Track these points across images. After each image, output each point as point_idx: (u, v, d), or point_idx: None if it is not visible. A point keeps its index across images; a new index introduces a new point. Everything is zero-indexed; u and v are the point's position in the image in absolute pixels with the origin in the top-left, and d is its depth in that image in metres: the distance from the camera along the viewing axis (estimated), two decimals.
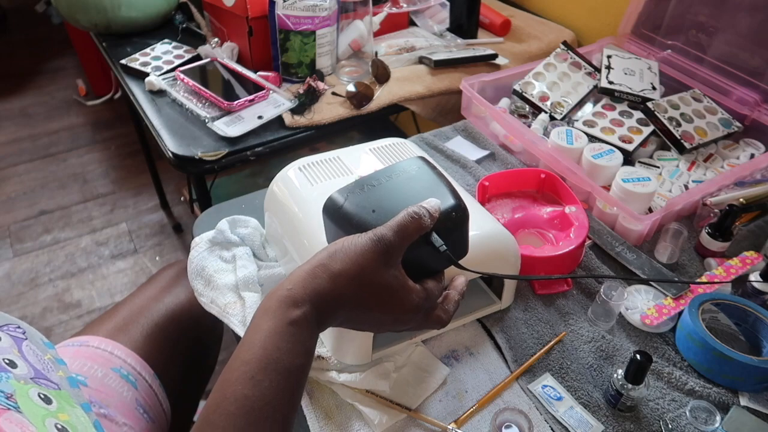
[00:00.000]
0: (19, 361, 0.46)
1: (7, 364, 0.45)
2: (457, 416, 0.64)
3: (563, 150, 0.96)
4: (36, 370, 0.47)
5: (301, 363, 0.47)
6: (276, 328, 0.46)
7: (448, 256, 0.52)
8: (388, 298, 0.49)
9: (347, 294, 0.48)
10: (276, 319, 0.46)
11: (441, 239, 0.52)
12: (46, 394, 0.45)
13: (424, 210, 0.50)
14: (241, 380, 0.44)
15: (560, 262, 0.78)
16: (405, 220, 0.49)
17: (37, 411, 0.42)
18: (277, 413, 0.44)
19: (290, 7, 1.09)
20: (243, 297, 0.76)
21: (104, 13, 1.31)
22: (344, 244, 0.49)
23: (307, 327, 0.47)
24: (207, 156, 1.01)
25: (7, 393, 0.42)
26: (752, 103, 1.04)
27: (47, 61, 2.97)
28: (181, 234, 2.02)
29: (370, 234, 0.49)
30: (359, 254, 0.48)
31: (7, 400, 0.41)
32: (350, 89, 1.13)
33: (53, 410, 0.44)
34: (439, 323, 0.54)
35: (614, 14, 1.30)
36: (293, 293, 0.47)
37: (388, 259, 0.49)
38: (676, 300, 0.75)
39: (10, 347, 0.47)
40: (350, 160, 0.77)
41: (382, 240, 0.48)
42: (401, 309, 0.50)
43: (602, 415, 0.65)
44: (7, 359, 0.45)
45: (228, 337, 1.60)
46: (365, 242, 0.49)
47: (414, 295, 0.50)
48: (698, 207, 0.89)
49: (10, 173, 2.28)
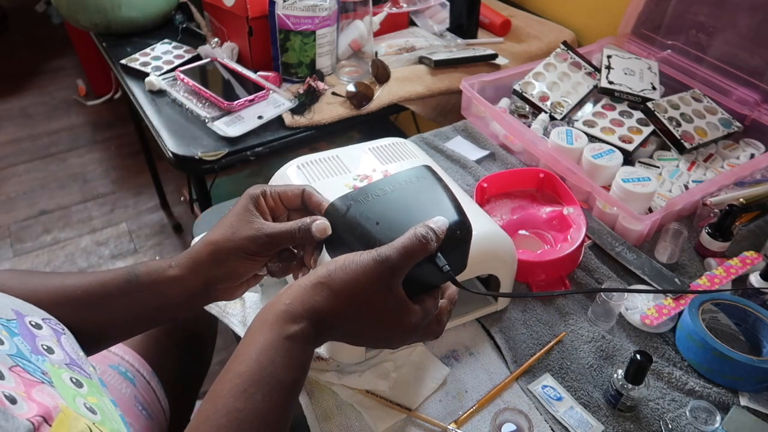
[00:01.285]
0: (56, 349, 0.47)
1: (45, 349, 0.46)
2: (457, 416, 0.64)
3: (563, 150, 0.96)
4: (71, 359, 0.48)
5: (295, 377, 0.47)
6: (272, 342, 0.46)
7: (450, 276, 0.51)
8: (387, 320, 0.49)
9: (346, 312, 0.48)
10: (272, 333, 0.46)
11: (443, 257, 0.50)
12: (78, 378, 0.46)
13: (431, 233, 0.48)
14: (233, 393, 0.44)
15: (558, 265, 0.78)
16: (412, 242, 0.47)
17: (68, 390, 0.43)
18: (268, 427, 0.44)
19: (290, 7, 1.09)
20: (243, 297, 0.76)
21: (104, 13, 1.31)
22: (345, 261, 0.48)
23: (303, 342, 0.47)
24: (207, 156, 1.01)
25: (43, 370, 0.43)
26: (752, 103, 1.04)
27: (47, 61, 2.97)
28: (181, 234, 2.02)
29: (373, 254, 0.47)
30: (361, 274, 0.47)
31: (42, 375, 0.42)
32: (350, 89, 1.13)
33: (83, 393, 0.45)
34: (432, 335, 0.53)
35: (614, 14, 1.30)
36: (291, 308, 0.47)
37: (389, 280, 0.47)
38: (676, 300, 0.75)
39: (50, 336, 0.48)
40: (349, 160, 0.77)
41: (386, 261, 0.47)
42: (399, 329, 0.50)
43: (602, 415, 0.65)
44: (46, 345, 0.46)
45: (228, 336, 1.59)
46: (368, 262, 0.47)
47: (413, 317, 0.49)
48: (698, 207, 0.89)
49: (10, 173, 2.28)
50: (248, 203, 0.56)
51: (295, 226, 0.54)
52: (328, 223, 0.54)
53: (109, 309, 0.56)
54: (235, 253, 0.55)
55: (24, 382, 0.40)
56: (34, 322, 0.48)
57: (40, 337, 0.47)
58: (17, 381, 0.40)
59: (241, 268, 0.56)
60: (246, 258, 0.55)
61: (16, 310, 0.47)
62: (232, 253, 0.55)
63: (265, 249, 0.55)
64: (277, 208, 0.58)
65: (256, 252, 0.55)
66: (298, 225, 0.54)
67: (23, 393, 0.39)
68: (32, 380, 0.41)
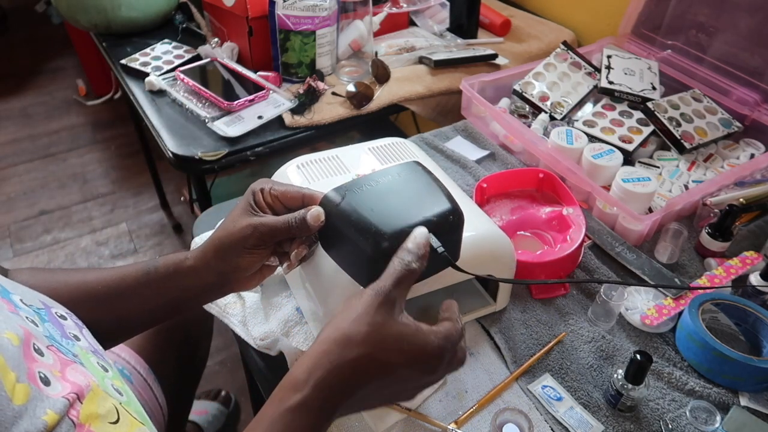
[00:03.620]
0: (81, 337, 0.49)
1: (73, 337, 0.47)
2: (457, 416, 0.64)
3: (563, 150, 0.96)
4: (95, 348, 0.49)
5: None
6: (274, 416, 0.44)
7: (446, 258, 0.52)
8: (407, 347, 0.45)
9: (362, 357, 0.44)
10: (273, 406, 0.45)
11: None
12: (103, 364, 0.47)
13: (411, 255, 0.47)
14: None
15: (558, 266, 0.78)
16: (400, 269, 0.47)
17: (98, 371, 0.45)
18: None
19: (290, 7, 1.09)
20: (243, 297, 0.76)
21: (104, 13, 1.31)
22: (343, 309, 0.47)
23: (307, 412, 0.44)
24: (207, 156, 1.01)
25: (74, 353, 0.44)
26: (752, 103, 1.04)
27: (47, 61, 2.97)
28: (181, 234, 2.02)
29: (369, 291, 0.46)
30: (364, 312, 0.45)
31: (74, 356, 0.44)
32: (350, 89, 1.13)
33: (110, 376, 0.46)
34: (460, 364, 0.50)
35: (614, 14, 1.30)
36: (294, 376, 0.45)
37: (392, 308, 0.46)
38: (676, 300, 0.75)
39: (75, 326, 0.49)
40: (349, 159, 0.77)
41: (383, 291, 0.46)
42: (425, 356, 0.46)
43: (602, 415, 0.65)
44: (73, 333, 0.48)
45: (228, 337, 1.59)
46: (367, 299, 0.46)
47: (433, 337, 0.47)
48: (698, 207, 0.89)
49: (10, 173, 2.28)
50: (249, 197, 0.57)
51: (291, 217, 0.55)
52: (322, 210, 0.54)
53: (128, 301, 0.58)
54: (235, 247, 0.56)
55: (60, 360, 0.41)
56: (59, 314, 0.49)
57: (66, 326, 0.48)
58: (54, 359, 0.41)
59: (243, 262, 0.57)
60: (246, 251, 0.56)
61: (42, 301, 0.49)
62: (233, 246, 0.56)
63: (262, 242, 0.56)
64: (275, 206, 0.58)
65: (254, 245, 0.56)
66: (294, 216, 0.55)
67: (58, 372, 0.40)
68: (66, 359, 0.42)
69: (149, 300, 0.59)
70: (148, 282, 0.58)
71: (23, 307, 0.44)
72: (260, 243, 0.56)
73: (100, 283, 0.58)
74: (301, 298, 0.73)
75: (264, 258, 0.58)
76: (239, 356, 1.51)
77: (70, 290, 0.57)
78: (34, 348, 0.40)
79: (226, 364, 1.60)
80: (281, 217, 0.56)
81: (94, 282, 0.58)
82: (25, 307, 0.45)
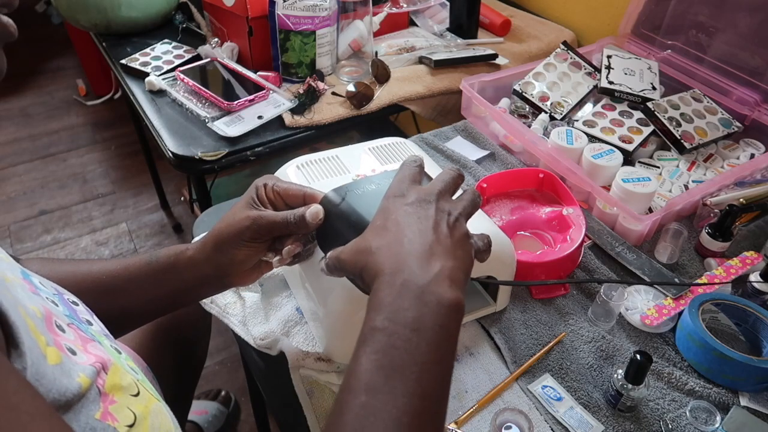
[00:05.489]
0: (93, 322, 0.50)
1: (86, 321, 0.48)
2: (457, 416, 0.64)
3: (563, 150, 0.96)
4: (106, 332, 0.50)
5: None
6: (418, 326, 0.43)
7: None
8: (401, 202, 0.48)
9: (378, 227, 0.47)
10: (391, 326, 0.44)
11: None
12: (115, 347, 0.48)
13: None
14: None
15: (558, 266, 0.78)
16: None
17: (113, 352, 0.46)
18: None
19: (290, 7, 1.09)
20: (243, 297, 0.76)
21: (104, 13, 1.31)
22: None
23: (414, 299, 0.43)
24: (207, 156, 1.01)
25: (91, 332, 0.46)
26: (752, 103, 1.04)
27: (47, 61, 2.97)
28: (181, 234, 2.02)
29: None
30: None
31: (92, 335, 0.45)
32: (350, 89, 1.13)
33: (123, 357, 0.48)
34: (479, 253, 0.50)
35: (614, 14, 1.30)
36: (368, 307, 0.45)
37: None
38: (676, 300, 0.75)
39: (86, 312, 0.51)
40: (349, 159, 0.77)
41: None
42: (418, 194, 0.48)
43: (602, 415, 0.65)
44: (86, 318, 0.49)
45: (228, 337, 1.59)
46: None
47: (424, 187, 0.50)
48: (698, 207, 0.89)
49: (10, 173, 2.28)
50: (252, 192, 0.58)
51: (290, 214, 0.56)
52: (322, 209, 0.55)
53: (130, 291, 0.60)
54: (233, 240, 0.57)
55: (80, 338, 0.43)
56: (71, 300, 0.50)
57: (78, 311, 0.49)
58: (75, 335, 0.42)
59: (240, 254, 0.57)
60: (243, 244, 0.57)
61: (55, 287, 0.50)
62: (231, 239, 0.57)
63: (259, 235, 0.56)
64: (276, 202, 0.59)
65: (252, 238, 0.56)
66: (293, 212, 0.56)
67: (81, 346, 0.41)
68: (86, 336, 0.44)
69: (150, 290, 0.60)
70: (150, 272, 0.59)
71: (43, 288, 0.46)
72: (257, 236, 0.57)
73: (104, 273, 0.60)
74: (301, 298, 0.73)
75: (260, 253, 0.59)
76: (239, 356, 1.51)
77: (78, 280, 0.59)
78: (56, 324, 0.41)
79: (226, 364, 1.60)
80: (281, 212, 0.56)
81: (99, 272, 0.60)
82: (44, 288, 0.46)
